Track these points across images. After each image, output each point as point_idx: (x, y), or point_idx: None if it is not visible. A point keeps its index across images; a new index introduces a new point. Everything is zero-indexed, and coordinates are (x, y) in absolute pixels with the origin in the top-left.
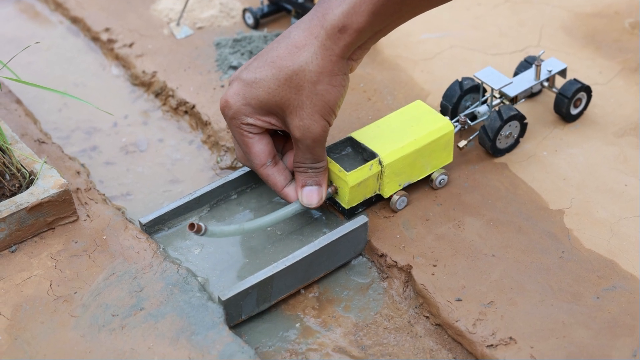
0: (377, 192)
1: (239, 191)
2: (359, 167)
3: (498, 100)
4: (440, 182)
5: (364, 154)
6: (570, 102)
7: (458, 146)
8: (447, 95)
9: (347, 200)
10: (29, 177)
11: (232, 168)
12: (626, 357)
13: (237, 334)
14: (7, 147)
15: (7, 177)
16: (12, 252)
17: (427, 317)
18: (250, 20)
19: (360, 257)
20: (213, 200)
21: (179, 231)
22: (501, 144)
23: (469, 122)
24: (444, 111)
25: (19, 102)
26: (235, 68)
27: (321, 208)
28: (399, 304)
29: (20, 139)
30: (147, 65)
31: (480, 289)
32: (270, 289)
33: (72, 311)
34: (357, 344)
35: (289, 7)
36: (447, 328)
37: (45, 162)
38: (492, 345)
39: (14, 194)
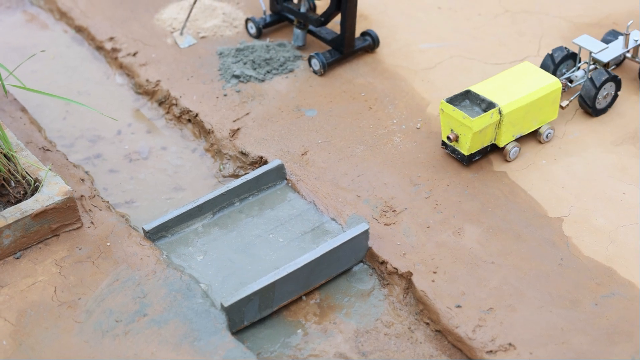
0: (493, 142)
1: (241, 199)
2: (482, 115)
3: (593, 66)
4: (547, 136)
5: (482, 105)
6: None
7: (561, 105)
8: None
9: (468, 146)
10: (34, 184)
11: (235, 176)
12: None
13: (240, 339)
14: (12, 155)
15: (13, 184)
16: (17, 258)
17: (427, 324)
18: (253, 30)
19: (361, 264)
20: (216, 207)
21: (182, 238)
22: (600, 104)
23: (569, 84)
24: None
25: (23, 110)
26: (237, 77)
27: (322, 215)
28: (400, 311)
29: (25, 146)
30: (150, 74)
31: (480, 296)
32: (272, 296)
33: (76, 317)
34: (357, 350)
35: (291, 17)
36: (447, 334)
37: (50, 169)
38: (491, 351)
39: (19, 201)
